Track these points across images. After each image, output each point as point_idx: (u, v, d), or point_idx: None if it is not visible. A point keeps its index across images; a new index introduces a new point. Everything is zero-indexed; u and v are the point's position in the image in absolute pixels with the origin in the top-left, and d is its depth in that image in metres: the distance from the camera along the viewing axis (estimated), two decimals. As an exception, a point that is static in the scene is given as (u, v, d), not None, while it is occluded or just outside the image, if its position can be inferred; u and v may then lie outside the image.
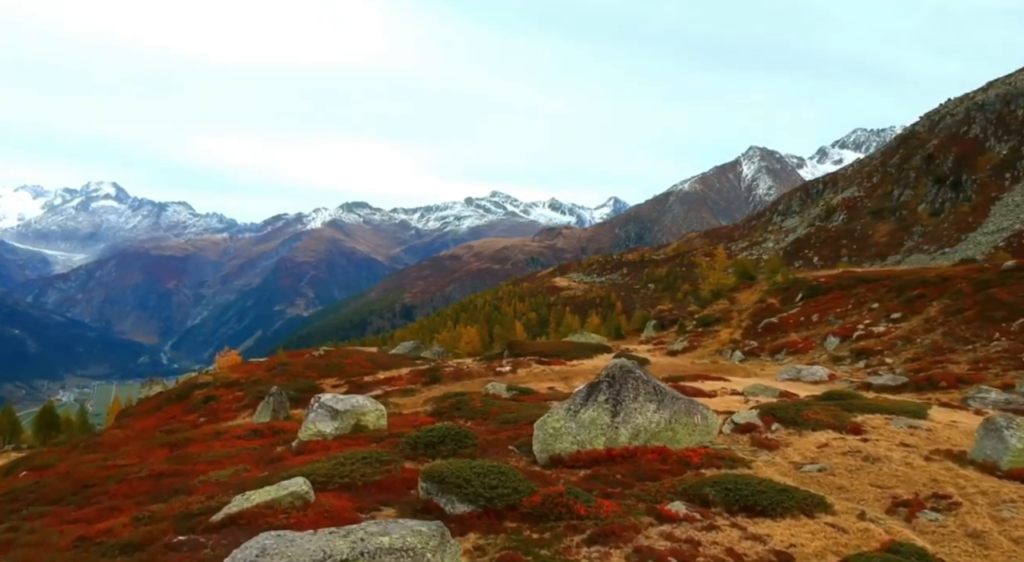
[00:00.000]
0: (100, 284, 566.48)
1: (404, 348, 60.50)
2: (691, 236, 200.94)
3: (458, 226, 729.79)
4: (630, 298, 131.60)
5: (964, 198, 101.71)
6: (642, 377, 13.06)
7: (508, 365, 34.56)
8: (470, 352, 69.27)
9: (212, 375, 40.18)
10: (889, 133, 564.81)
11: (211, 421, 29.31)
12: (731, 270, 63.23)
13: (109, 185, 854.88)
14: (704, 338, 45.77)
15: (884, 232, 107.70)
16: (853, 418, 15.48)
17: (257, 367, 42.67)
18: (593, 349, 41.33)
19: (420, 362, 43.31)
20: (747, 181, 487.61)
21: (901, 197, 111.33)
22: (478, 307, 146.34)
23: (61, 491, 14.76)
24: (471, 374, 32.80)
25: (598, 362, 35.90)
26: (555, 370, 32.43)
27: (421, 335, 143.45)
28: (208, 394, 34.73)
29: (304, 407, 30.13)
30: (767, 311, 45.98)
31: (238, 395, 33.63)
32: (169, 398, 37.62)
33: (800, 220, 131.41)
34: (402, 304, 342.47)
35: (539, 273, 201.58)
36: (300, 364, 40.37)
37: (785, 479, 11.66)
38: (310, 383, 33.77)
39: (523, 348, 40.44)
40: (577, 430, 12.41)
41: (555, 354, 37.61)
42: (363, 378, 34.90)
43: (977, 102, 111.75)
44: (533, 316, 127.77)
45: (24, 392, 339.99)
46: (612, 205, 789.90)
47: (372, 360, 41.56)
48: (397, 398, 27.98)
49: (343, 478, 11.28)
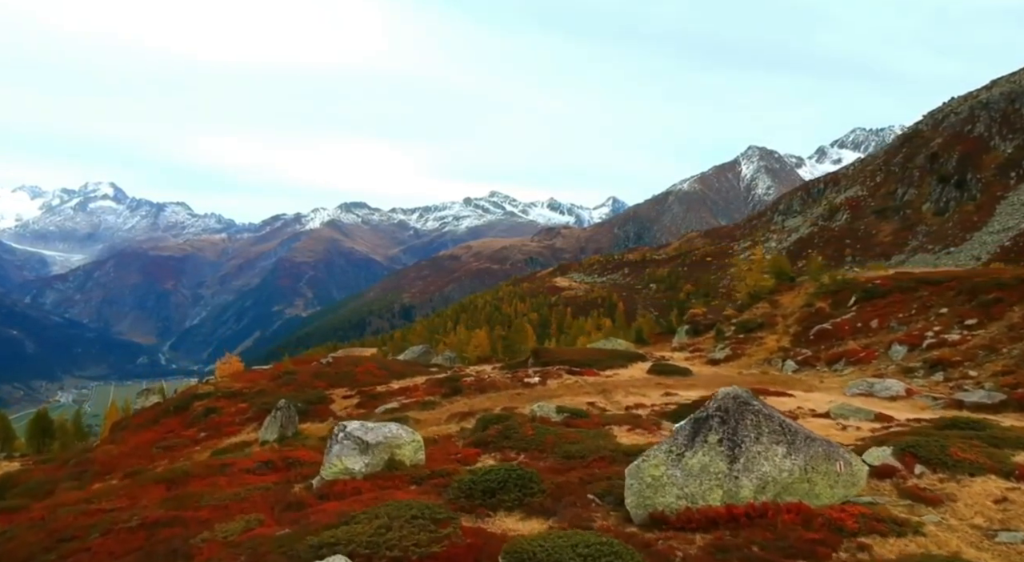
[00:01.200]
0: (98, 285, 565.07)
1: (413, 353, 57.31)
2: (691, 236, 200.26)
3: (457, 226, 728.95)
4: (632, 298, 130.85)
5: (969, 197, 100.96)
6: (763, 411, 10.32)
7: (536, 375, 32.06)
8: (480, 357, 67.14)
9: (213, 385, 37.46)
10: (888, 133, 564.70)
11: (212, 436, 27.50)
12: (767, 271, 59.04)
13: (107, 185, 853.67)
14: (747, 345, 42.62)
15: (888, 231, 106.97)
16: (1014, 457, 12.28)
17: (261, 376, 39.87)
18: (626, 357, 38.30)
19: (435, 369, 40.94)
20: (746, 181, 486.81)
21: (905, 196, 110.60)
22: (479, 308, 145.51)
23: (32, 546, 12.15)
24: (495, 385, 30.60)
25: (634, 372, 33.46)
26: (590, 382, 29.98)
27: (424, 337, 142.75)
28: (209, 406, 32.67)
29: (313, 420, 27.68)
30: (817, 316, 42.78)
31: (241, 407, 31.52)
32: (167, 410, 34.90)
33: (803, 220, 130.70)
34: (401, 304, 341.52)
35: (539, 273, 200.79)
36: (307, 373, 37.84)
37: (982, 556, 8.68)
38: (319, 394, 31.98)
39: (550, 356, 37.93)
40: (684, 480, 9.76)
41: (586, 363, 35.14)
42: (375, 388, 32.90)
43: (981, 101, 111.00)
44: (534, 316, 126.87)
45: (22, 393, 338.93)
46: (611, 205, 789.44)
47: (385, 368, 38.77)
48: (416, 412, 26.32)
49: (391, 549, 8.73)
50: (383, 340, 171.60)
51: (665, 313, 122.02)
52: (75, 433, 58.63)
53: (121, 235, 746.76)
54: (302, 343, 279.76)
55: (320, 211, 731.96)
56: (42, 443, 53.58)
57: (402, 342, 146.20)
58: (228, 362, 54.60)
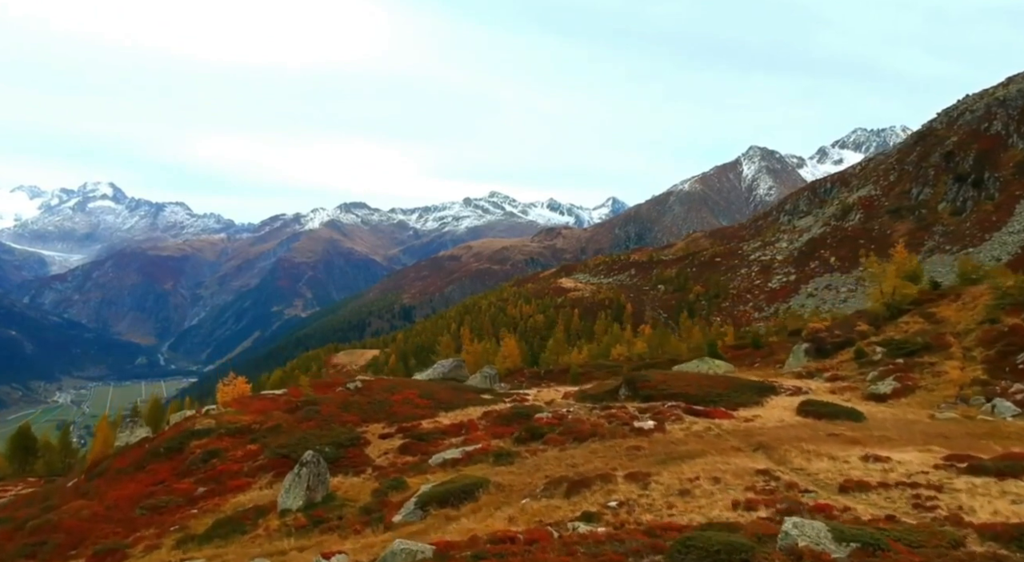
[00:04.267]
0: (97, 285, 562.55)
1: (443, 368, 48.45)
2: (696, 236, 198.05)
3: (456, 226, 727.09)
4: (640, 299, 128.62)
5: (987, 196, 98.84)
6: None
7: (646, 416, 24.26)
8: (510, 368, 60.99)
9: (214, 417, 28.83)
10: (890, 133, 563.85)
11: (214, 493, 20.94)
12: (906, 276, 48.81)
13: (106, 185, 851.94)
14: (915, 375, 32.87)
15: (903, 231, 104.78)
16: None
17: (274, 404, 31.40)
18: (752, 389, 30.08)
19: (486, 395, 32.99)
20: (747, 181, 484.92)
21: (920, 195, 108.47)
22: (483, 309, 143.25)
23: None
24: (593, 430, 22.78)
25: (778, 412, 26.05)
26: (727, 429, 22.72)
27: (425, 337, 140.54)
28: (209, 448, 25.40)
29: (346, 472, 21.32)
30: (1013, 336, 33.00)
31: (250, 450, 24.58)
32: (156, 452, 26.71)
33: (814, 219, 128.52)
34: (401, 305, 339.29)
35: (542, 274, 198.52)
36: (333, 403, 29.86)
37: None
38: (349, 433, 25.29)
39: (649, 386, 29.78)
40: None
41: (704, 397, 27.41)
42: (420, 424, 26.11)
43: (998, 97, 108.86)
44: (541, 318, 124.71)
45: (20, 394, 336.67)
46: (611, 205, 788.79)
47: (427, 395, 30.68)
48: (488, 468, 19.34)
49: None
50: (384, 341, 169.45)
51: (674, 315, 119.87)
52: (61, 450, 53.94)
53: (120, 235, 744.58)
54: (301, 344, 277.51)
55: (319, 211, 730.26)
56: (24, 461, 49.72)
57: (404, 344, 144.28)
58: (232, 383, 45.70)
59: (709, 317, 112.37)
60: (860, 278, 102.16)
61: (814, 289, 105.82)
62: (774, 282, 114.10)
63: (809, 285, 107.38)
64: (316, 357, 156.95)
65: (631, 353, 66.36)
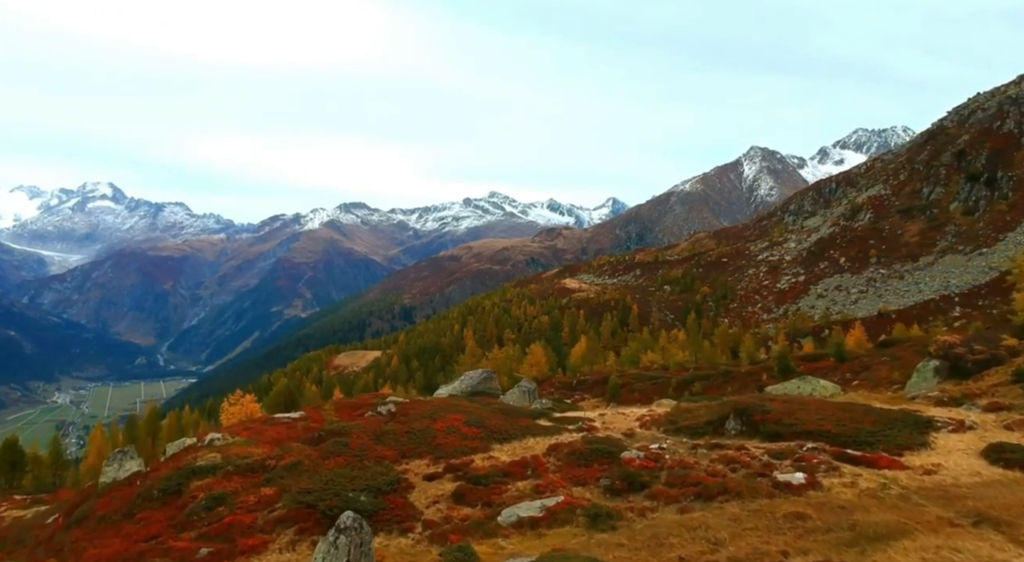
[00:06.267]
0: (96, 285, 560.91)
1: (471, 380, 42.87)
2: (700, 236, 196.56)
3: (456, 227, 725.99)
4: (645, 300, 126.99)
5: (1000, 196, 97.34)
6: None
7: (787, 463, 18.15)
8: (537, 377, 56.35)
9: (219, 449, 22.81)
10: (891, 133, 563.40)
11: (222, 557, 16.29)
12: None
13: (106, 185, 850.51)
14: None
15: (915, 231, 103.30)
16: None
17: (290, 431, 25.81)
18: (906, 423, 22.25)
19: (543, 420, 26.78)
20: (748, 181, 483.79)
21: (931, 195, 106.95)
22: (486, 310, 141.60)
23: None
24: (716, 480, 17.07)
25: (955, 458, 19.12)
26: (906, 484, 16.58)
27: (427, 338, 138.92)
28: (215, 490, 19.86)
29: (388, 530, 16.40)
30: None
31: (265, 495, 19.00)
32: (150, 495, 20.72)
33: (822, 219, 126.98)
34: (401, 305, 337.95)
35: (545, 274, 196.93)
36: (364, 432, 23.86)
37: None
38: (387, 473, 19.85)
39: (771, 418, 22.43)
40: None
41: (852, 436, 20.68)
42: (473, 460, 20.72)
43: (1010, 96, 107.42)
44: (545, 320, 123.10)
45: (19, 394, 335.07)
46: (611, 206, 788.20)
47: (476, 422, 24.84)
48: (580, 535, 14.77)
49: None
50: (386, 342, 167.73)
51: (681, 316, 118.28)
52: (52, 463, 51.39)
53: (119, 235, 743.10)
54: (301, 344, 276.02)
55: (319, 211, 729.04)
56: (11, 477, 47.24)
57: (406, 345, 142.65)
58: (238, 403, 38.63)
59: (717, 318, 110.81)
60: (871, 279, 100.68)
61: (824, 290, 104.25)
62: (783, 283, 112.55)
63: (819, 286, 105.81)
64: (317, 358, 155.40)
65: (667, 361, 61.13)
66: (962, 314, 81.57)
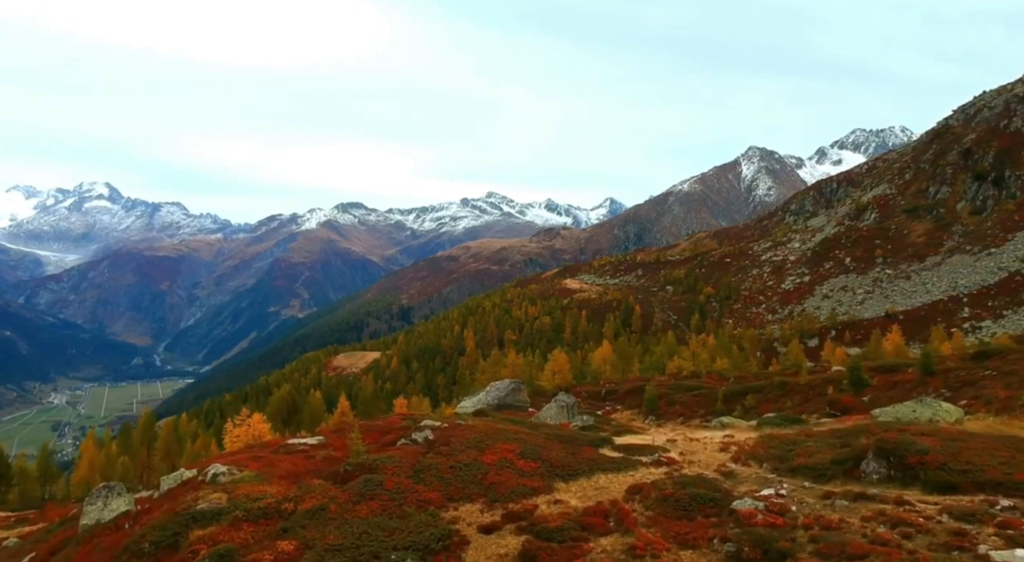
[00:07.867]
0: (93, 285, 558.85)
1: (498, 392, 38.13)
2: (700, 236, 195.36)
3: (454, 227, 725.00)
4: (648, 301, 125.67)
5: (1008, 195, 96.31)
6: None
7: (973, 527, 12.91)
8: (560, 386, 53.12)
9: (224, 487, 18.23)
10: (889, 133, 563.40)
11: None
12: None
13: (102, 185, 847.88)
14: None
15: (921, 231, 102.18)
16: None
17: (308, 463, 20.97)
18: None
19: (611, 450, 22.15)
20: (747, 181, 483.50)
21: (938, 194, 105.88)
22: (487, 310, 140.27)
23: None
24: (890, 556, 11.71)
25: None
26: None
27: (427, 339, 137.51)
28: (220, 544, 15.00)
29: None
30: None
31: (284, 552, 14.35)
32: (139, 549, 15.71)
33: (826, 219, 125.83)
34: (399, 305, 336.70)
35: (545, 274, 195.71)
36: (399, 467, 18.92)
37: None
38: (433, 523, 15.38)
39: (928, 461, 16.50)
40: None
41: None
42: (535, 504, 16.18)
43: (1017, 94, 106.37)
44: (547, 320, 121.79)
45: (15, 394, 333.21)
46: (608, 206, 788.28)
47: (530, 454, 20.17)
48: None
49: None
50: (385, 343, 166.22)
51: (685, 317, 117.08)
52: (39, 477, 49.39)
53: (116, 235, 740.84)
54: (299, 344, 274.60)
55: (316, 212, 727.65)
56: None
57: (406, 346, 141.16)
58: (244, 423, 34.03)
59: (721, 319, 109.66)
60: (877, 279, 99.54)
61: (829, 290, 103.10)
62: (787, 283, 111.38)
63: (824, 286, 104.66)
64: (315, 359, 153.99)
65: (697, 368, 56.36)
66: (971, 315, 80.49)
